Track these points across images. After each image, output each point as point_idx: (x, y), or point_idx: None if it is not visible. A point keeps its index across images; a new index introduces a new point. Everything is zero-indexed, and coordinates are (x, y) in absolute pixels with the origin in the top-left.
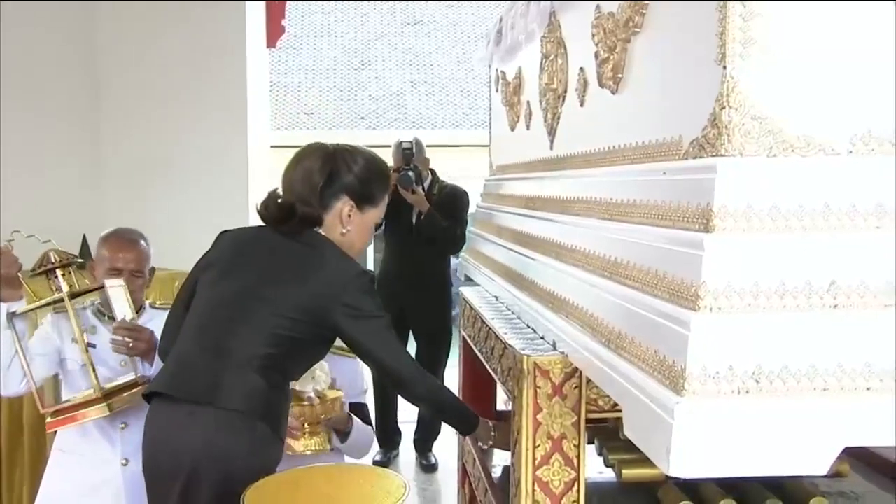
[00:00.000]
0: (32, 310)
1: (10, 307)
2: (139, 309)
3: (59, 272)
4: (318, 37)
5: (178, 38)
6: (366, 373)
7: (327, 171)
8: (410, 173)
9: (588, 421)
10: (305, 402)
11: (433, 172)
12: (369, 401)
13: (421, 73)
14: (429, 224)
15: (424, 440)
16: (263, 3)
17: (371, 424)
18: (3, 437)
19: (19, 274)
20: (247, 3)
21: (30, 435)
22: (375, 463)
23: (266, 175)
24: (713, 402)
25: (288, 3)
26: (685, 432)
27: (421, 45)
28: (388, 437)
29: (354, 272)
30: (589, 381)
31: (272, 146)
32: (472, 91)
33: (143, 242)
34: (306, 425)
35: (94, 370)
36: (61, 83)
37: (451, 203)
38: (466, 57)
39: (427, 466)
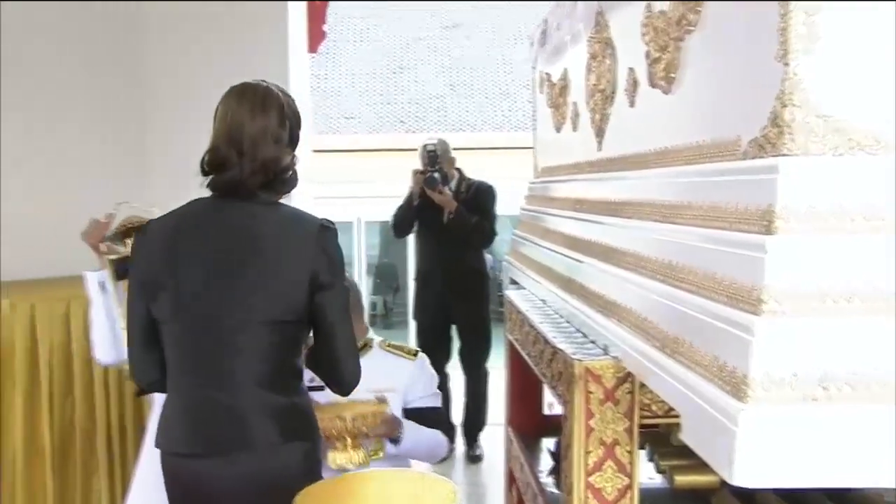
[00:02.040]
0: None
1: (100, 276)
2: None
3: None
4: (357, 42)
5: (221, 44)
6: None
7: (287, 127)
8: (436, 174)
9: (640, 426)
10: (345, 418)
11: (460, 171)
12: None
13: (461, 76)
14: (458, 222)
15: (471, 431)
16: (305, 6)
17: (448, 432)
18: (55, 440)
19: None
20: (289, 8)
21: (81, 437)
22: None
23: (308, 179)
24: (778, 409)
25: (328, 8)
26: (749, 440)
27: (460, 48)
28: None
29: (318, 224)
30: (642, 385)
31: (314, 150)
32: (513, 93)
33: None
34: (348, 439)
35: None
36: (106, 86)
37: (478, 199)
38: (507, 59)
39: (473, 457)
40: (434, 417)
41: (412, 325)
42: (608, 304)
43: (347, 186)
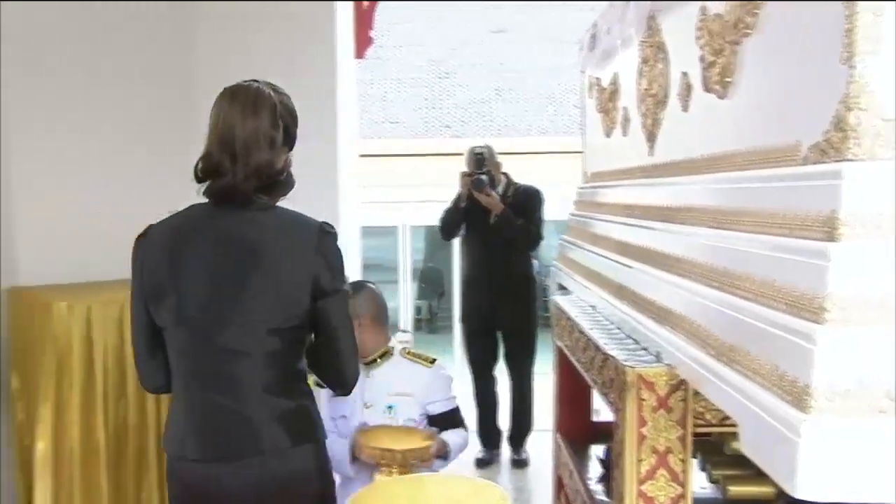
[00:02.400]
0: None
1: None
2: None
3: None
4: (403, 47)
5: (269, 51)
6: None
7: (280, 128)
8: (483, 177)
9: (694, 434)
10: (395, 453)
11: (507, 175)
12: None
13: (506, 81)
14: (504, 224)
15: (517, 436)
16: (352, 12)
17: (464, 426)
18: (110, 440)
19: None
20: (337, 14)
21: (134, 436)
22: (478, 461)
23: (355, 183)
24: (842, 420)
25: (374, 14)
26: (812, 452)
27: (506, 52)
28: (491, 436)
29: (317, 227)
30: (695, 393)
31: (360, 155)
32: (559, 97)
33: None
34: (394, 468)
35: None
36: (155, 93)
37: (525, 202)
38: (552, 63)
39: (519, 462)
40: (454, 419)
41: (457, 330)
42: (661, 311)
43: (392, 191)
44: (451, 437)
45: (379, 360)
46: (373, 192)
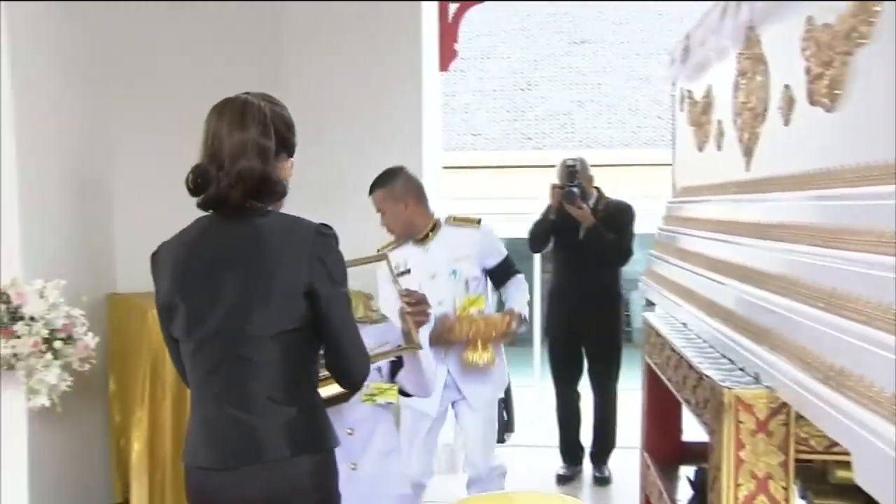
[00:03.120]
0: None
1: None
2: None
3: None
4: (484, 59)
5: (356, 63)
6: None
7: (272, 137)
8: (575, 189)
9: (796, 461)
10: (479, 323)
11: (598, 190)
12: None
13: (588, 93)
14: (594, 238)
15: (600, 453)
16: (437, 25)
17: (516, 270)
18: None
19: None
20: (422, 28)
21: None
22: (559, 477)
23: (438, 195)
24: None
25: (459, 27)
26: None
27: (588, 63)
28: (573, 452)
29: (314, 228)
30: (798, 417)
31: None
32: (642, 109)
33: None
34: (479, 341)
35: None
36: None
37: (616, 217)
38: (635, 75)
39: (601, 479)
40: (508, 266)
41: (536, 342)
42: (758, 330)
43: (473, 204)
44: (515, 295)
45: (430, 234)
46: (453, 205)
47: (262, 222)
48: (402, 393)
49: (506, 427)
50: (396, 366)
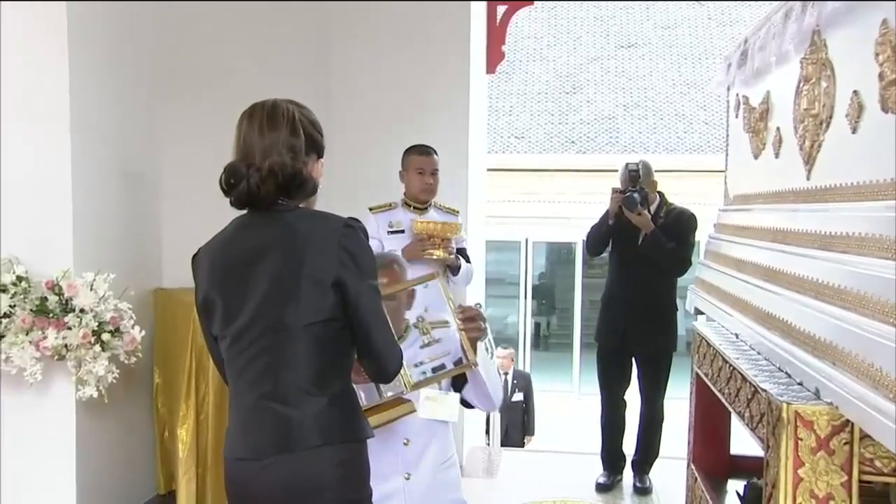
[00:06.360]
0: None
1: None
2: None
3: None
4: (530, 61)
5: (404, 69)
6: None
7: (301, 136)
8: (636, 195)
9: (860, 482)
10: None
11: (661, 195)
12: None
13: (634, 97)
14: (653, 245)
15: (642, 462)
16: (485, 27)
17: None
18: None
19: None
20: (470, 30)
21: None
22: (599, 486)
23: (483, 198)
24: None
25: (507, 30)
26: None
27: (634, 67)
28: (614, 461)
29: (342, 223)
30: (863, 437)
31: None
32: (688, 115)
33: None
34: (438, 239)
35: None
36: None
37: (677, 225)
38: (682, 80)
39: (641, 489)
40: (463, 252)
41: (576, 349)
42: (819, 345)
43: (516, 206)
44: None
45: (429, 207)
46: (495, 207)
47: (291, 217)
48: (465, 404)
49: (525, 431)
50: (460, 381)
